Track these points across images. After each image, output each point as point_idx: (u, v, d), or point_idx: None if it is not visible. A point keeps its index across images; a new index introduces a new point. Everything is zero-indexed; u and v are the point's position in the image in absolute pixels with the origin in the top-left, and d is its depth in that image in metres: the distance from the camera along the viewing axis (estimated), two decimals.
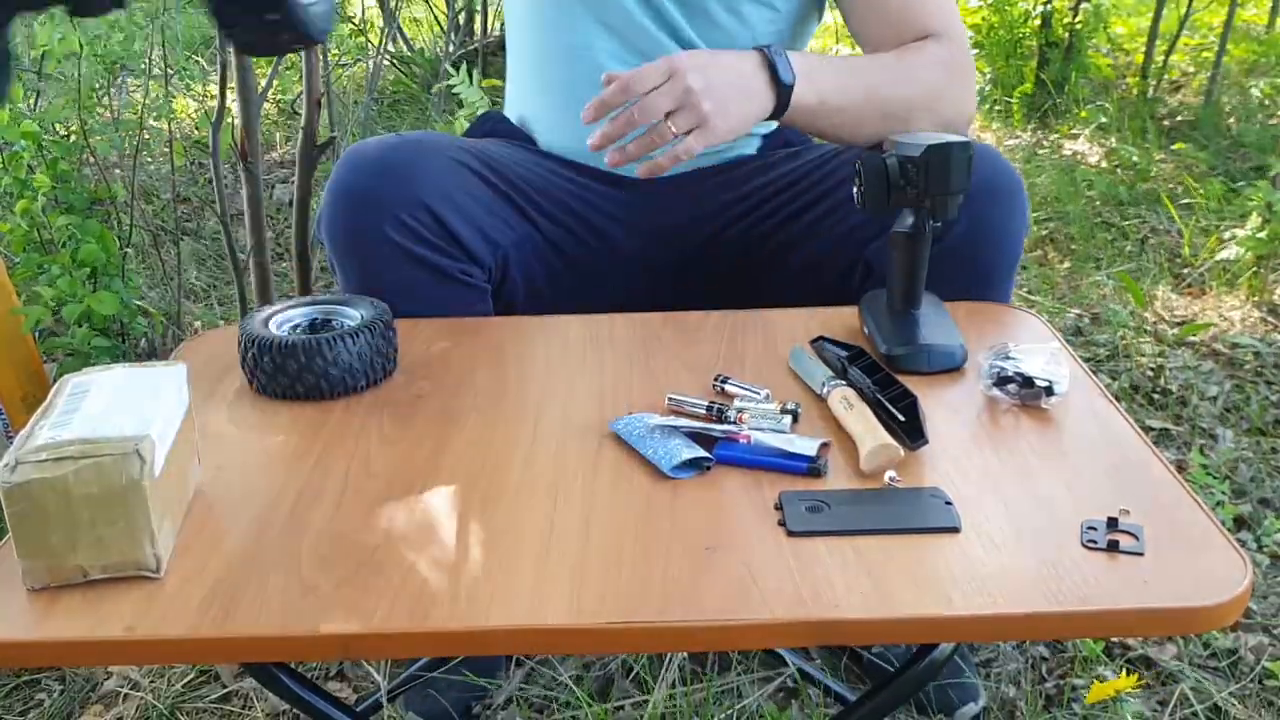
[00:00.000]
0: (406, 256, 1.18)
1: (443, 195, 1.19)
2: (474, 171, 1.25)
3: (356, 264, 1.19)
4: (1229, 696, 1.37)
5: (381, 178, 1.17)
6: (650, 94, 1.11)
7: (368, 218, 1.17)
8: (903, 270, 1.10)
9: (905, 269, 1.10)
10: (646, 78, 1.11)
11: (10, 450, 0.79)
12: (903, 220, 1.09)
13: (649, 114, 1.11)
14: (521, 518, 0.86)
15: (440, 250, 1.20)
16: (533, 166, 1.34)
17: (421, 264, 1.19)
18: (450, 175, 1.21)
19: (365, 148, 1.20)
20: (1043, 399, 0.99)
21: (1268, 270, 2.51)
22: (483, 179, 1.25)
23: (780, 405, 1.00)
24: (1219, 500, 1.72)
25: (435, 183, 1.19)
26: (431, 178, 1.19)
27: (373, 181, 1.17)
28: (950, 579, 0.78)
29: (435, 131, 1.35)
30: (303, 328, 1.11)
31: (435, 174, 1.20)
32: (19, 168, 1.88)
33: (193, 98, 3.76)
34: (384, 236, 1.17)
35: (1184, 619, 0.77)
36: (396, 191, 1.17)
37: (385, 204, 1.17)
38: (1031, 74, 3.77)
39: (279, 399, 1.06)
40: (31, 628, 0.76)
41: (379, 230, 1.17)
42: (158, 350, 2.15)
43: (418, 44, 4.38)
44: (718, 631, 0.75)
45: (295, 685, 0.94)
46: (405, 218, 1.17)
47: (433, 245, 1.19)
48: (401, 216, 1.17)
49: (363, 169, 1.18)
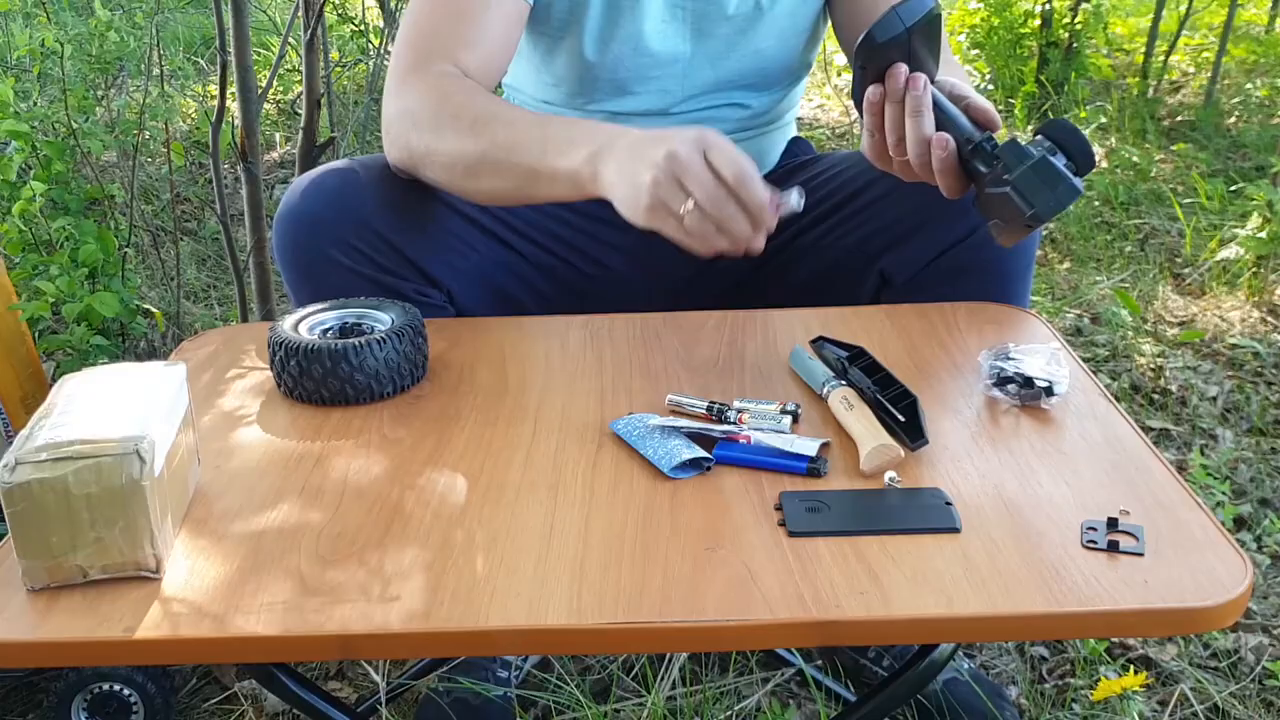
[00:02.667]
0: (357, 278, 1.19)
1: (390, 218, 1.20)
2: (430, 193, 1.25)
3: (309, 287, 1.21)
4: (1229, 696, 1.37)
5: (327, 203, 1.19)
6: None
7: (314, 242, 1.18)
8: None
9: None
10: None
11: (10, 450, 0.79)
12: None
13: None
14: (521, 518, 0.86)
15: (391, 272, 1.21)
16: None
17: (375, 285, 1.20)
18: (400, 199, 1.22)
19: (314, 174, 1.22)
20: (1043, 399, 0.99)
21: (1268, 270, 2.51)
22: (443, 201, 1.26)
23: (780, 405, 1.00)
24: (1219, 500, 1.72)
25: (382, 206, 1.20)
26: (379, 202, 1.20)
27: (317, 207, 1.19)
28: (950, 579, 0.78)
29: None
30: (333, 331, 1.11)
31: (383, 198, 1.20)
32: (8, 170, 1.87)
33: (193, 98, 3.76)
34: (330, 259, 1.18)
35: (1184, 619, 0.77)
36: (341, 216, 1.18)
37: (330, 228, 1.18)
38: (1031, 74, 3.77)
39: (306, 403, 1.06)
40: (31, 628, 0.76)
41: (324, 253, 1.18)
42: (158, 350, 2.15)
43: None
44: (718, 631, 0.75)
45: (295, 685, 0.94)
46: (353, 241, 1.18)
47: (383, 267, 1.20)
48: (349, 240, 1.18)
49: (309, 194, 1.20)
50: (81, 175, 2.10)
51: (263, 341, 1.15)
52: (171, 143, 2.48)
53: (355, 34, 3.34)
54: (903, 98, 1.02)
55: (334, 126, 2.87)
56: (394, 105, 1.22)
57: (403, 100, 1.20)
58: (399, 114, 1.20)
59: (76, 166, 2.07)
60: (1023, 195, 0.97)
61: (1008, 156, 0.99)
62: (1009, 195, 0.98)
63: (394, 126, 1.21)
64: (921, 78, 1.02)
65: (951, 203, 1.17)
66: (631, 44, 1.30)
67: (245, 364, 1.15)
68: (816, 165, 1.39)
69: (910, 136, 1.03)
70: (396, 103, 1.21)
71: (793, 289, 1.31)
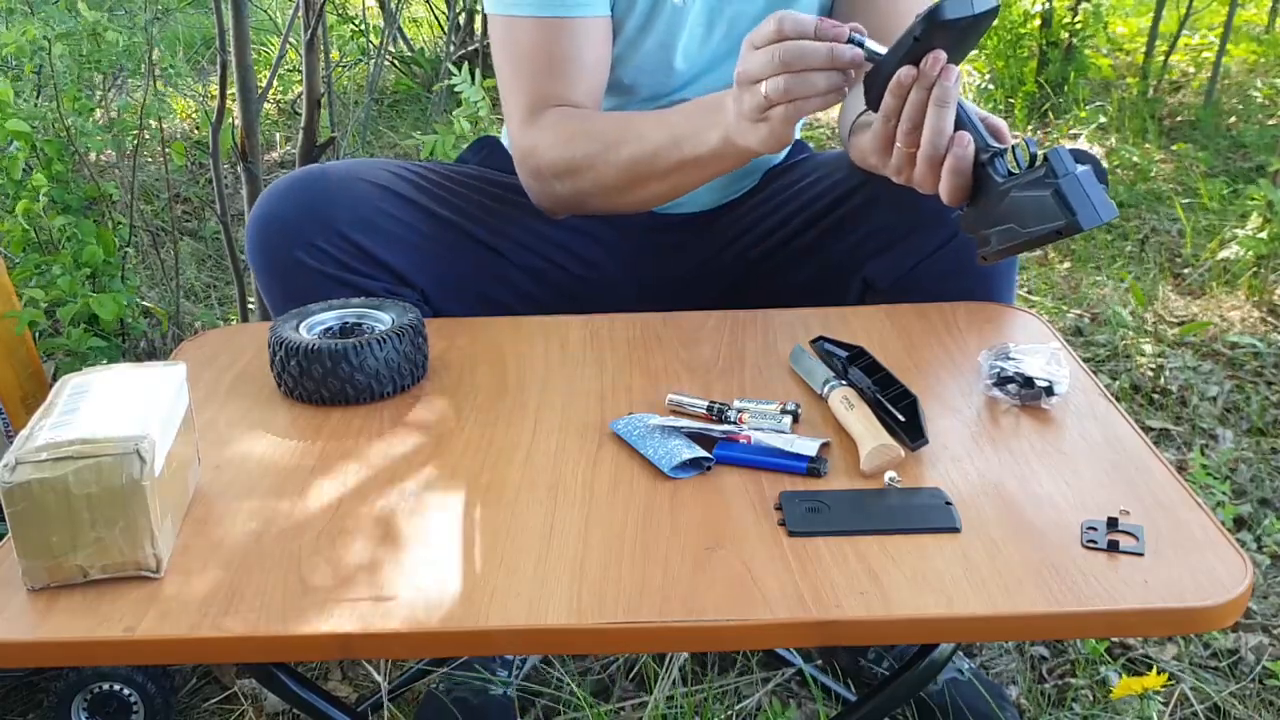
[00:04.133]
0: (325, 279, 1.20)
1: (358, 219, 1.21)
2: (404, 198, 1.26)
3: (279, 289, 1.22)
4: (1229, 696, 1.37)
5: (293, 206, 1.21)
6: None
7: (281, 244, 1.20)
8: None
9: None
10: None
11: (10, 450, 0.79)
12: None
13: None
14: (521, 518, 0.86)
15: (358, 272, 1.22)
16: (503, 196, 1.34)
17: (345, 285, 1.21)
18: (369, 200, 1.23)
19: (283, 178, 1.24)
20: (1043, 399, 0.99)
21: (1268, 270, 2.51)
22: (415, 204, 1.27)
23: (780, 405, 1.00)
24: (1219, 500, 1.72)
25: (349, 208, 1.21)
26: (345, 203, 1.21)
27: (283, 209, 1.21)
28: (950, 579, 0.78)
29: (374, 159, 1.37)
30: (334, 331, 1.11)
31: (350, 200, 1.22)
32: (14, 168, 1.87)
33: (193, 98, 3.76)
34: (296, 261, 1.19)
35: (1184, 619, 0.77)
36: (306, 217, 1.20)
37: (296, 230, 1.20)
38: (1031, 74, 3.77)
39: (306, 403, 1.06)
40: (31, 628, 0.76)
41: (290, 255, 1.20)
42: (158, 350, 2.15)
43: (418, 44, 4.38)
44: (718, 631, 0.75)
45: (295, 685, 0.93)
46: (319, 242, 1.19)
47: (350, 268, 1.21)
48: (315, 241, 1.19)
49: (275, 198, 1.22)
50: (79, 175, 2.10)
51: (263, 341, 1.15)
52: (172, 143, 2.48)
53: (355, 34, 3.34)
54: (932, 84, 1.00)
55: (334, 126, 2.87)
56: (525, 165, 1.28)
57: (531, 159, 1.27)
58: (532, 173, 1.28)
59: (75, 166, 2.07)
60: (1065, 201, 0.95)
61: (1055, 161, 0.97)
62: (1048, 199, 0.96)
63: (533, 185, 1.29)
64: (955, 69, 1.01)
65: (932, 210, 1.17)
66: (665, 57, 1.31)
67: (245, 364, 1.15)
68: (803, 167, 1.39)
69: (930, 126, 1.00)
70: (526, 162, 1.28)
71: (779, 296, 1.32)
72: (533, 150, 1.26)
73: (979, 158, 1.01)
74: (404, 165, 1.33)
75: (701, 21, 1.30)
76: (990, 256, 1.03)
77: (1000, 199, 1.00)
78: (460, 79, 2.07)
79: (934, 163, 1.02)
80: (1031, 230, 0.98)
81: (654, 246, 1.39)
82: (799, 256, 1.33)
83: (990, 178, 1.01)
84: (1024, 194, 0.98)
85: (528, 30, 1.25)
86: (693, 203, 1.39)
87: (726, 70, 1.29)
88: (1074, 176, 0.95)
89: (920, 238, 1.22)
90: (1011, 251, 1.02)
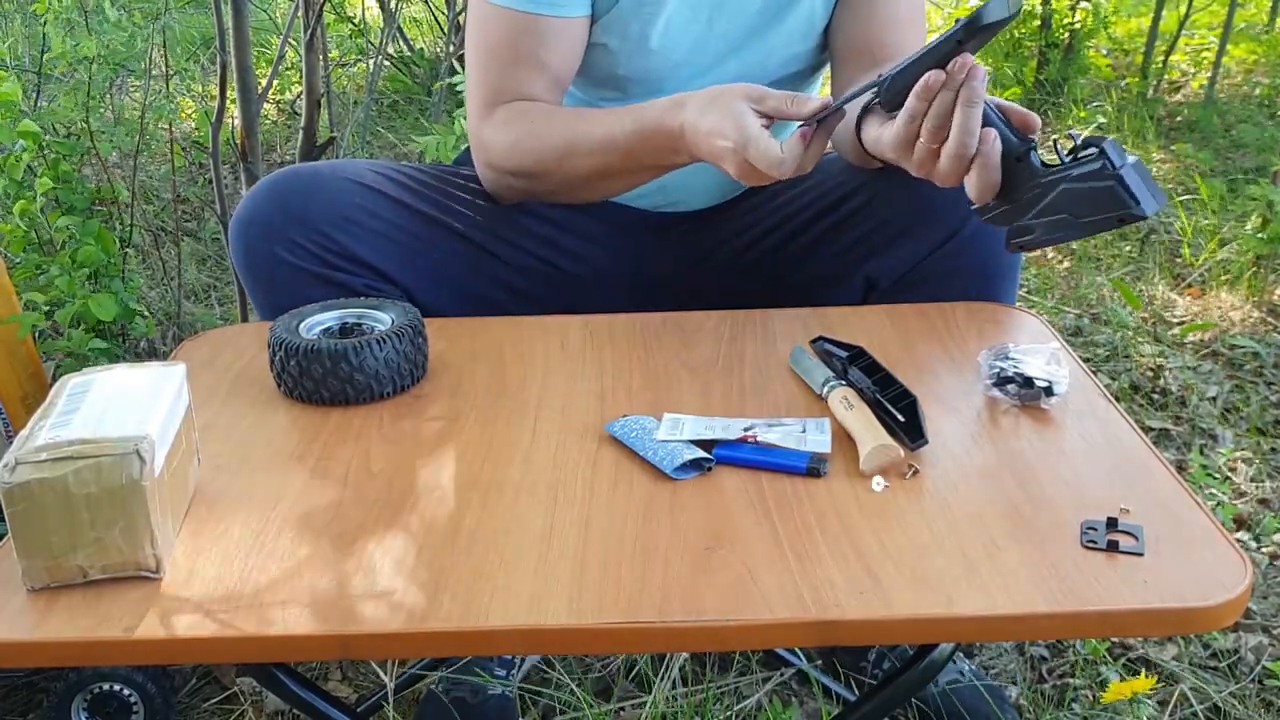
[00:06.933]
0: (306, 275, 1.21)
1: (337, 216, 1.22)
2: (387, 196, 1.27)
3: (262, 288, 1.23)
4: (1229, 697, 1.37)
5: (273, 204, 1.22)
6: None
7: (261, 243, 1.21)
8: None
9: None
10: None
11: (10, 450, 0.79)
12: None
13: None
14: (521, 517, 0.87)
15: (338, 268, 1.22)
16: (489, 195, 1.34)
17: (326, 282, 1.21)
18: (348, 197, 1.24)
19: (264, 179, 1.25)
20: (1043, 399, 0.99)
21: (1268, 270, 2.51)
22: (398, 202, 1.27)
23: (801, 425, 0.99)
24: (1219, 500, 1.72)
25: (328, 204, 1.22)
26: (323, 200, 1.22)
27: (263, 208, 1.22)
28: (950, 579, 0.78)
29: (360, 159, 1.38)
30: (334, 331, 1.12)
31: (328, 196, 1.23)
32: (15, 169, 1.87)
33: (193, 98, 3.76)
34: (277, 259, 1.20)
35: (1184, 619, 0.77)
36: (284, 215, 1.21)
37: (274, 228, 1.20)
38: (1031, 74, 3.77)
39: (306, 403, 1.06)
40: (31, 628, 0.76)
41: (271, 253, 1.20)
42: (158, 350, 2.15)
43: (418, 44, 4.38)
44: (718, 631, 0.75)
45: (295, 685, 0.93)
46: (298, 239, 1.20)
47: (330, 264, 1.22)
48: (294, 238, 1.20)
49: (257, 198, 1.23)
50: (83, 176, 2.10)
51: (263, 341, 1.15)
52: (174, 143, 2.48)
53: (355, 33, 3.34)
54: (959, 86, 1.00)
55: (334, 126, 2.87)
56: (478, 158, 1.29)
57: (483, 153, 1.28)
58: (486, 165, 1.29)
59: (80, 166, 2.06)
60: (1129, 191, 0.96)
61: (1113, 153, 0.98)
62: (1109, 190, 0.96)
63: (487, 176, 1.30)
64: (982, 69, 1.01)
65: (932, 209, 1.18)
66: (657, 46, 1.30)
67: (245, 364, 1.15)
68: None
69: (959, 126, 0.99)
70: (479, 155, 1.29)
71: (779, 295, 1.32)
72: (485, 146, 1.28)
73: (1009, 152, 1.02)
74: (391, 165, 1.33)
75: (688, 1, 1.29)
76: (1028, 246, 1.03)
77: (1046, 191, 1.00)
78: (461, 78, 2.07)
79: (962, 160, 1.01)
80: (1090, 220, 0.99)
81: (651, 244, 1.39)
82: (799, 256, 1.33)
83: (1027, 171, 1.01)
84: (1080, 185, 0.98)
85: (500, 22, 1.25)
86: (691, 201, 1.39)
87: (710, 56, 1.29)
88: (1131, 168, 0.97)
89: (920, 236, 1.22)
90: (1059, 240, 1.03)
